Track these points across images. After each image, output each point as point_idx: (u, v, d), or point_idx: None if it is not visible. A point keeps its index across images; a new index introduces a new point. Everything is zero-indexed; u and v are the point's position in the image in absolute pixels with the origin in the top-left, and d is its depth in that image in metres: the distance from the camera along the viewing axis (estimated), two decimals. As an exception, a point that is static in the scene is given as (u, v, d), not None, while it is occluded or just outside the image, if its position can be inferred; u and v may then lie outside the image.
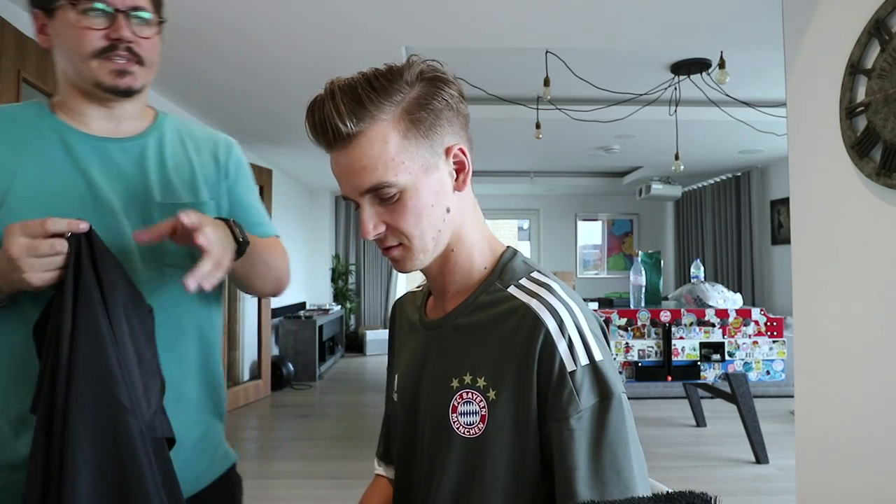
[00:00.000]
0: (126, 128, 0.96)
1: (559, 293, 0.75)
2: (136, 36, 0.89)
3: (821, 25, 1.78)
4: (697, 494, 0.59)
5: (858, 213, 1.62)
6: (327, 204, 7.89)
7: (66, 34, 0.87)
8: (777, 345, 3.46)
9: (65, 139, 0.90)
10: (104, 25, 0.86)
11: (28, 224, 0.76)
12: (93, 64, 0.87)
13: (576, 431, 0.69)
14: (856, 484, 1.62)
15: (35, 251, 0.75)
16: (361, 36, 2.73)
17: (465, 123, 0.79)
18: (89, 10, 0.85)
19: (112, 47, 0.87)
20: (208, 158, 1.03)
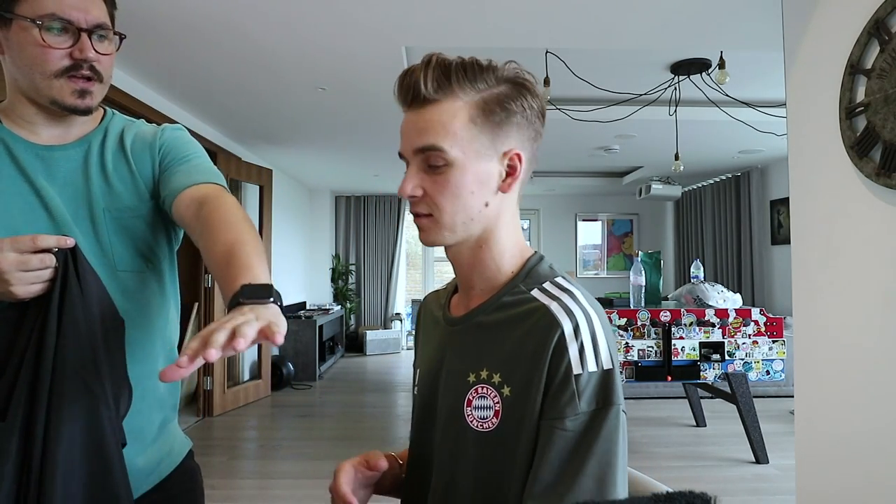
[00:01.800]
0: (75, 132, 0.95)
1: (580, 299, 0.77)
2: (98, 54, 0.88)
3: (821, 25, 1.78)
4: (697, 494, 0.59)
5: (858, 213, 1.62)
6: (327, 204, 7.89)
7: (25, 49, 0.85)
8: (777, 345, 3.46)
9: (11, 149, 0.89)
10: (68, 44, 0.85)
11: (18, 239, 0.77)
12: (55, 83, 0.86)
13: (568, 433, 0.70)
14: (856, 484, 1.62)
15: (25, 265, 0.77)
16: (362, 36, 2.73)
17: (534, 136, 0.82)
18: (52, 28, 0.83)
19: (76, 66, 0.86)
20: (144, 153, 0.99)
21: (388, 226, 8.24)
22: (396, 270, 8.19)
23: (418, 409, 0.90)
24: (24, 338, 0.80)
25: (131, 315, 0.92)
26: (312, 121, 4.30)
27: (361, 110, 4.01)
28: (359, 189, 7.89)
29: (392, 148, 5.27)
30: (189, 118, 4.04)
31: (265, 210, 5.10)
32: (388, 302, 8.15)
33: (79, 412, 0.79)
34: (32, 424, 0.77)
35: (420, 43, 2.82)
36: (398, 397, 5.32)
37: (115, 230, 0.92)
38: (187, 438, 1.12)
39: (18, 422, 0.77)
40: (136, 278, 0.94)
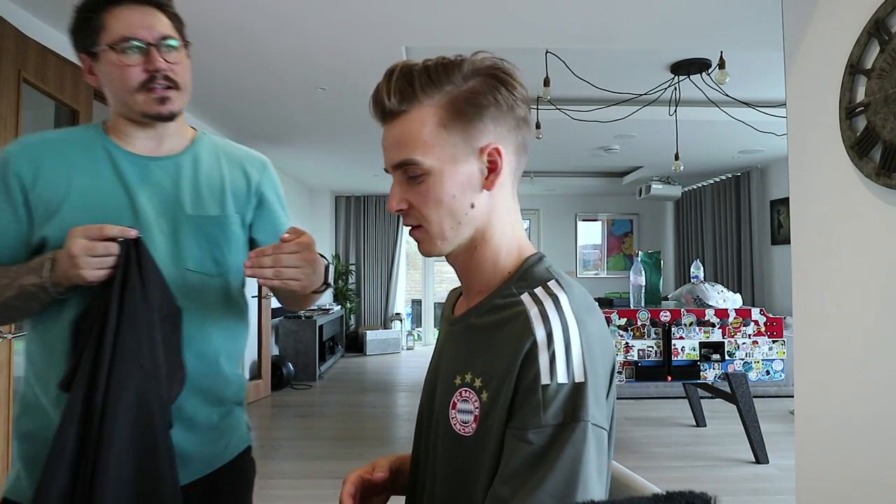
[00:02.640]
0: (167, 146, 1.08)
1: (563, 306, 0.72)
2: (169, 64, 1.00)
3: (821, 25, 1.78)
4: (697, 494, 0.59)
5: (858, 213, 1.62)
6: (327, 204, 7.89)
7: (110, 73, 0.99)
8: (777, 345, 3.46)
9: (113, 157, 1.04)
10: (140, 60, 0.98)
11: (88, 228, 0.91)
12: (138, 97, 0.99)
13: (531, 446, 0.66)
14: (855, 484, 1.62)
15: (92, 251, 0.90)
16: (362, 36, 2.73)
17: (516, 125, 0.79)
18: (126, 49, 0.97)
19: (151, 79, 0.99)
20: (239, 175, 1.14)
21: (388, 226, 8.24)
22: (396, 270, 8.19)
23: (419, 409, 0.90)
24: (90, 318, 0.91)
25: (190, 311, 1.02)
26: (312, 121, 4.30)
27: (361, 110, 4.00)
28: (359, 189, 7.89)
29: (392, 148, 5.25)
30: (189, 118, 4.03)
31: (265, 210, 5.09)
32: (388, 302, 8.15)
33: (132, 389, 0.89)
34: (92, 397, 0.88)
35: (420, 43, 2.82)
36: (398, 397, 5.32)
37: (193, 234, 1.05)
38: (249, 436, 1.21)
39: (81, 393, 0.87)
40: (203, 280, 1.06)
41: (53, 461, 0.86)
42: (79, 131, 1.08)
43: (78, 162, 1.02)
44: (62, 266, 0.91)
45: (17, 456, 1.02)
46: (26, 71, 2.25)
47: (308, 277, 0.99)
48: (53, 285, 0.93)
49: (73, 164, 1.01)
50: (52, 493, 0.85)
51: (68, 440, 0.86)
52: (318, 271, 1.03)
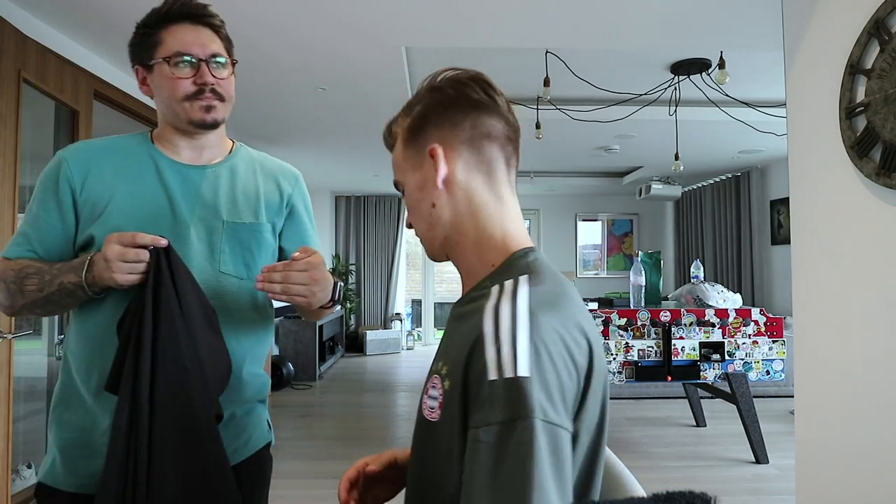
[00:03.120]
0: (207, 156, 1.17)
1: (519, 300, 0.70)
2: (216, 78, 1.10)
3: (821, 25, 1.78)
4: (697, 494, 0.59)
5: (858, 213, 1.62)
6: (327, 204, 7.89)
7: (163, 84, 1.08)
8: (777, 345, 3.46)
9: (157, 164, 1.12)
10: (191, 74, 1.08)
11: (123, 235, 0.98)
12: (185, 105, 1.08)
13: (482, 444, 0.64)
14: (855, 484, 1.62)
15: (124, 256, 0.97)
16: (361, 36, 2.73)
17: (463, 117, 0.83)
18: (179, 63, 1.07)
19: (200, 91, 1.08)
20: (273, 186, 1.23)
21: (388, 226, 8.24)
22: (396, 270, 8.19)
23: None
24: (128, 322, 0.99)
25: (221, 312, 1.10)
26: (312, 121, 4.30)
27: (361, 110, 4.01)
28: (359, 189, 7.89)
29: (392, 148, 5.21)
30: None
31: (265, 210, 5.10)
32: (388, 302, 8.15)
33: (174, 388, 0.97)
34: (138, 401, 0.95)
35: (420, 43, 2.82)
36: (398, 397, 5.32)
37: (228, 239, 1.13)
38: (270, 433, 1.27)
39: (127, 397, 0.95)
40: (235, 283, 1.14)
41: (109, 464, 0.93)
42: (127, 139, 1.16)
43: (124, 167, 1.11)
44: (98, 268, 0.99)
45: (54, 443, 1.08)
46: (26, 71, 2.25)
47: (314, 295, 1.07)
48: (89, 285, 1.01)
49: (119, 169, 1.10)
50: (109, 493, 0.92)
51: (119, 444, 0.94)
52: (325, 289, 1.11)
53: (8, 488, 2.15)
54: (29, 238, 1.08)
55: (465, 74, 0.87)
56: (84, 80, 2.68)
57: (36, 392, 2.84)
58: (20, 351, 2.47)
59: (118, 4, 2.39)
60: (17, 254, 1.07)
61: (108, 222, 1.05)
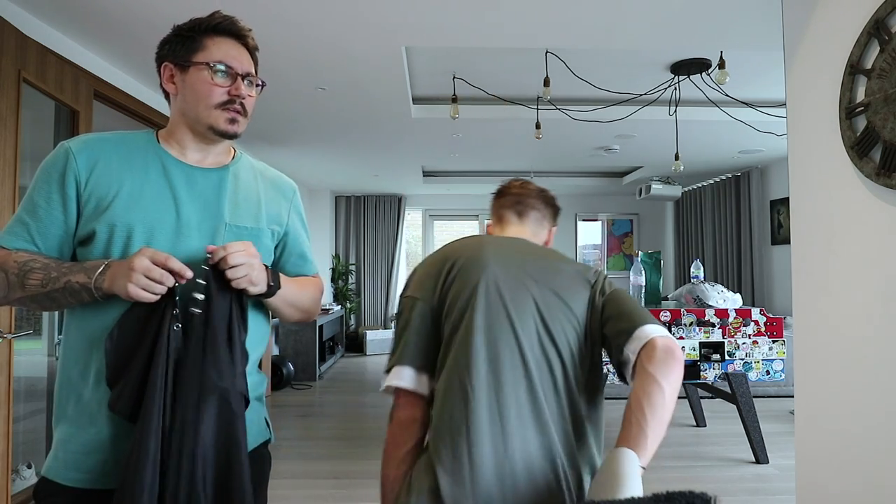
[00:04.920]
0: (212, 160, 1.21)
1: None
2: (247, 94, 1.16)
3: (821, 25, 1.78)
4: (697, 494, 0.59)
5: (858, 213, 1.62)
6: (327, 204, 7.89)
7: (198, 86, 1.13)
8: (777, 345, 3.46)
9: (164, 163, 1.15)
10: (228, 84, 1.14)
11: (157, 253, 1.01)
12: (214, 112, 1.13)
13: None
14: (855, 484, 1.62)
15: (149, 272, 0.99)
16: (362, 36, 2.73)
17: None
18: (220, 71, 1.13)
19: (231, 101, 1.14)
20: (275, 195, 1.29)
21: (388, 226, 8.24)
22: (396, 270, 8.18)
23: None
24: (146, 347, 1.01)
25: None
26: (312, 121, 4.30)
27: (361, 110, 4.01)
28: (359, 189, 7.89)
29: (392, 148, 5.27)
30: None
31: (265, 210, 5.10)
32: (388, 302, 8.15)
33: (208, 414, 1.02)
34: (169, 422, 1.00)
35: (420, 43, 2.82)
36: (398, 397, 5.31)
37: (229, 240, 1.14)
38: (268, 431, 1.29)
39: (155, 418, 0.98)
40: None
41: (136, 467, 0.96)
42: (132, 135, 1.19)
43: (130, 163, 1.13)
44: (114, 273, 1.01)
45: (56, 437, 1.10)
46: (26, 71, 2.25)
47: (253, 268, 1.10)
48: (97, 288, 1.02)
49: (125, 164, 1.12)
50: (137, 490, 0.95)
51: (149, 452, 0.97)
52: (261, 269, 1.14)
53: (8, 488, 2.15)
54: (28, 228, 1.08)
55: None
56: (84, 80, 2.68)
57: (36, 392, 2.84)
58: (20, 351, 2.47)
59: (118, 4, 2.39)
60: (16, 245, 1.08)
61: (112, 217, 1.07)
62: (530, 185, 1.40)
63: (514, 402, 1.04)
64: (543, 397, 1.05)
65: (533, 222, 1.37)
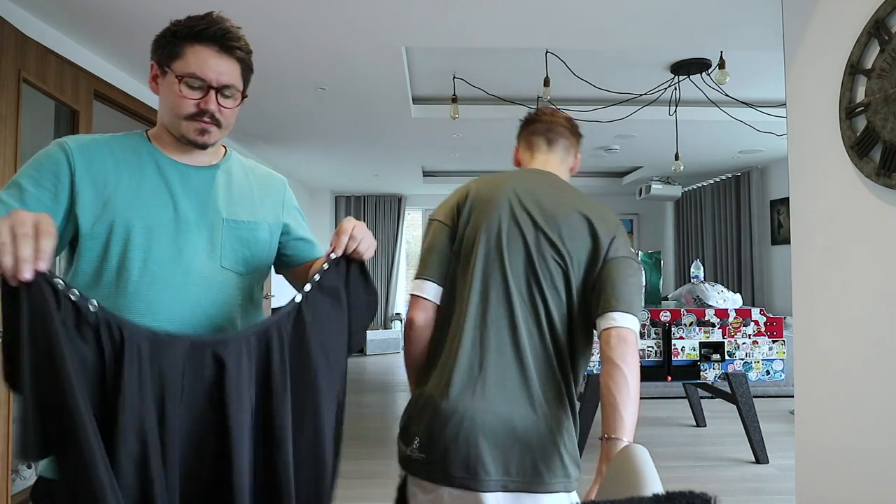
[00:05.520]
0: (202, 159, 1.19)
1: None
2: (220, 106, 1.12)
3: (821, 25, 1.78)
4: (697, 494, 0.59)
5: (858, 213, 1.62)
6: (327, 204, 7.89)
7: (169, 93, 1.10)
8: (777, 345, 3.46)
9: (157, 161, 1.14)
10: (198, 96, 1.09)
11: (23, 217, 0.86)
12: (183, 123, 1.11)
13: None
14: (855, 484, 1.62)
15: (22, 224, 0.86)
16: (362, 37, 2.73)
17: None
18: (190, 84, 1.09)
19: (200, 114, 1.10)
20: (268, 190, 1.28)
21: (388, 226, 8.24)
22: (396, 270, 8.18)
23: None
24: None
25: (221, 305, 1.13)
26: (312, 121, 4.30)
27: (361, 110, 4.01)
28: (359, 189, 7.89)
29: (392, 148, 5.26)
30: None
31: (265, 210, 5.10)
32: (387, 302, 8.15)
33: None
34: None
35: (420, 43, 2.82)
36: (398, 397, 5.31)
37: (227, 235, 1.16)
38: None
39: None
40: (235, 278, 1.17)
41: None
42: (123, 136, 1.17)
43: (126, 162, 1.11)
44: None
45: None
46: (26, 71, 2.25)
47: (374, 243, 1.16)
48: None
49: (121, 163, 1.11)
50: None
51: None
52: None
53: (8, 488, 2.15)
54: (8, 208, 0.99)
55: None
56: (84, 80, 2.68)
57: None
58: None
59: (118, 4, 2.39)
60: None
61: (110, 216, 1.06)
62: (560, 114, 1.48)
63: (495, 334, 1.24)
64: (525, 331, 1.24)
65: (561, 150, 1.46)
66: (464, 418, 1.18)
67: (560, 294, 1.25)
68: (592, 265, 1.25)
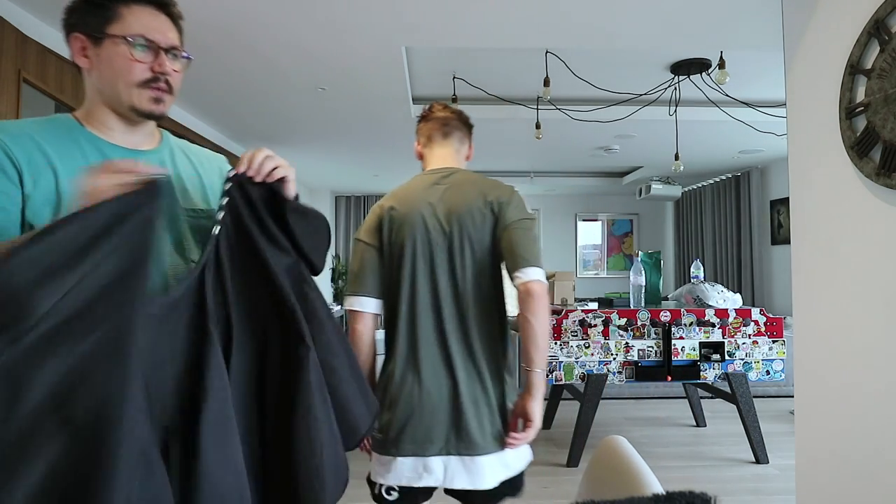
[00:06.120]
0: (145, 141, 1.10)
1: None
2: (172, 70, 1.04)
3: (821, 25, 1.78)
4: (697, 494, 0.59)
5: (858, 213, 1.62)
6: (327, 204, 7.89)
7: (116, 63, 1.00)
8: (777, 345, 3.46)
9: (101, 150, 1.02)
10: (149, 59, 1.01)
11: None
12: (135, 91, 1.01)
13: None
14: (855, 484, 1.62)
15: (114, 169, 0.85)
16: (362, 37, 2.74)
17: None
18: (139, 46, 1.00)
19: (155, 79, 1.01)
20: (211, 172, 1.18)
21: (388, 226, 8.23)
22: (396, 270, 8.17)
23: None
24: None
25: None
26: (312, 121, 4.30)
27: (361, 110, 4.01)
28: (359, 189, 7.89)
29: (392, 148, 5.26)
30: (189, 118, 4.04)
31: (265, 210, 5.10)
32: (388, 302, 8.15)
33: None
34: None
35: (420, 43, 2.82)
36: (398, 397, 5.31)
37: (189, 226, 1.07)
38: None
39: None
40: None
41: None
42: (51, 121, 1.03)
43: (67, 153, 0.99)
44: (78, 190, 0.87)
45: None
46: (26, 71, 2.26)
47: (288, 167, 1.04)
48: None
49: (60, 155, 0.98)
50: None
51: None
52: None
53: (8, 488, 2.15)
54: None
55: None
56: (83, 78, 2.68)
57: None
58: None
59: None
60: None
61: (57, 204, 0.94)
62: (451, 109, 1.67)
63: (425, 332, 1.48)
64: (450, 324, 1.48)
65: (456, 141, 1.65)
66: (411, 397, 1.45)
67: (479, 279, 1.49)
68: (496, 234, 1.49)
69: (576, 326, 3.39)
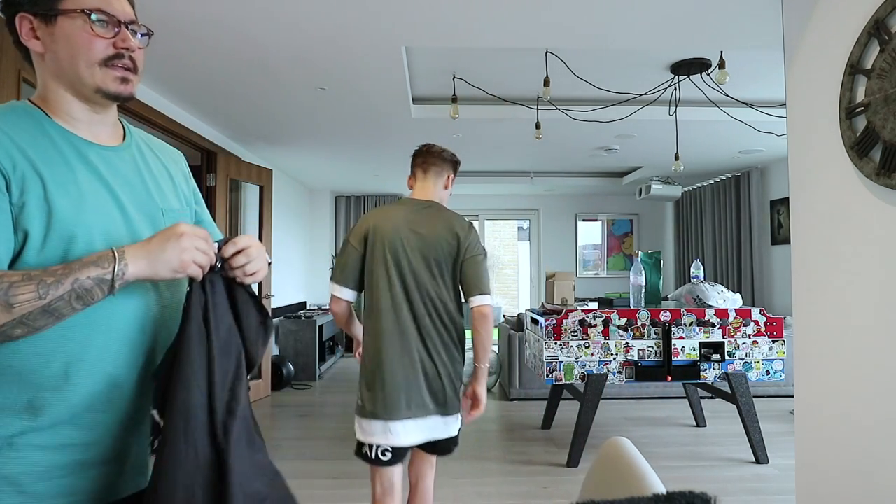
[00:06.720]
0: (111, 133, 1.01)
1: None
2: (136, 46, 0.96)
3: (821, 25, 1.78)
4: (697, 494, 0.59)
5: (858, 213, 1.62)
6: (327, 204, 7.89)
7: (72, 39, 0.91)
8: (777, 345, 3.46)
9: (78, 149, 0.94)
10: (110, 35, 0.93)
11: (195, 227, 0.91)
12: (98, 71, 0.93)
13: None
14: (855, 484, 1.62)
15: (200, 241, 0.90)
16: (362, 36, 2.73)
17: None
18: (100, 21, 0.91)
19: (119, 56, 0.94)
20: (174, 167, 1.12)
21: (388, 226, 8.22)
22: (396, 270, 8.17)
23: None
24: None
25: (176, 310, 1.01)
26: (312, 121, 4.30)
27: (361, 110, 4.01)
28: (359, 189, 7.88)
29: (392, 148, 5.26)
30: (189, 118, 4.04)
31: (265, 210, 5.10)
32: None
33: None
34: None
35: (420, 43, 2.82)
36: (398, 397, 5.31)
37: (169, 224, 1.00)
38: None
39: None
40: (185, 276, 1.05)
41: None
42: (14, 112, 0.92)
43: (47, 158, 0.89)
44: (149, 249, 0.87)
45: None
46: (26, 71, 2.25)
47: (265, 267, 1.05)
48: (118, 277, 0.84)
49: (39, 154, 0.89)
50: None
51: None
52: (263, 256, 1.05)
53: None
54: None
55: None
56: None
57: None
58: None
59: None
60: None
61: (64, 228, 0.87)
62: (434, 149, 2.09)
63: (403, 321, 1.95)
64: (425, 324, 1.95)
65: (433, 175, 2.08)
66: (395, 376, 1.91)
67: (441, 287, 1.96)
68: (457, 262, 1.97)
69: (576, 326, 3.39)
